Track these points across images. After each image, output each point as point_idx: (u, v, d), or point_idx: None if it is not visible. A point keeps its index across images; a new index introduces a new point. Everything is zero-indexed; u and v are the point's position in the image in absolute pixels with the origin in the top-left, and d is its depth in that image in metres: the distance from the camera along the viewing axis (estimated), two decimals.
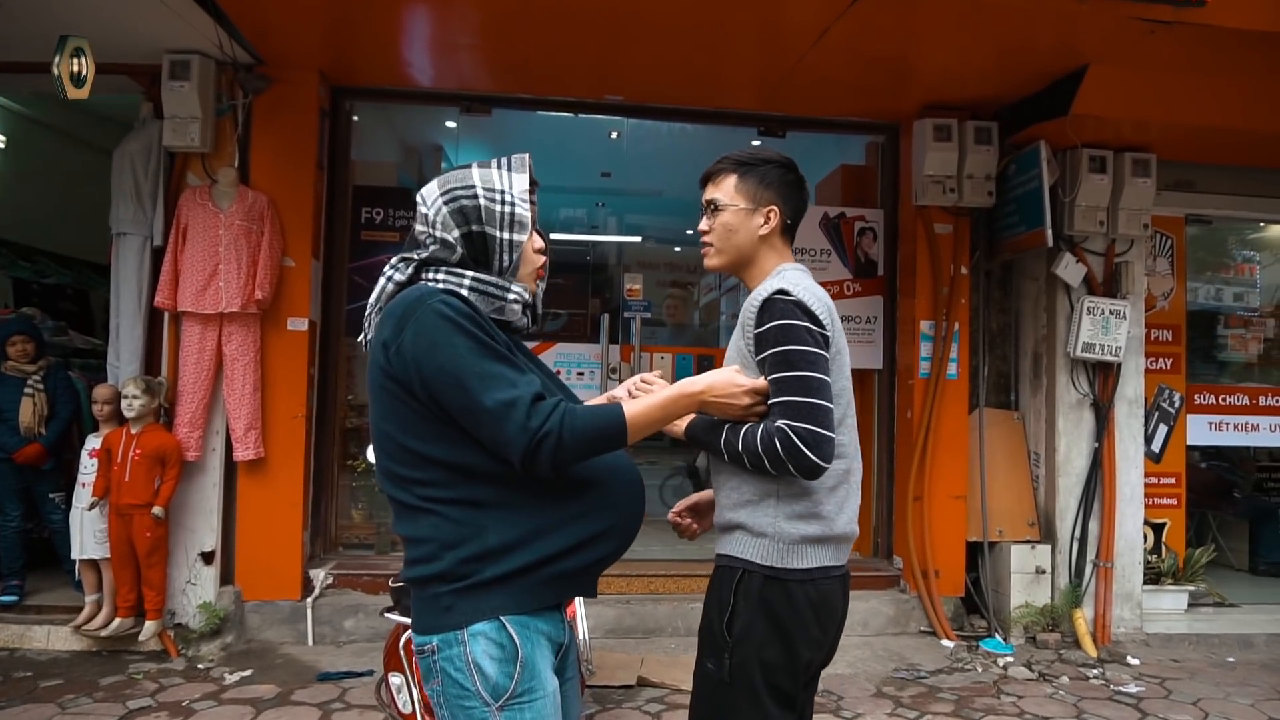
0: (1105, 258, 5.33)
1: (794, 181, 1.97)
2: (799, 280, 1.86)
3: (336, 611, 4.77)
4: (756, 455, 1.74)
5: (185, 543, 4.65)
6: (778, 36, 4.38)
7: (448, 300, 1.55)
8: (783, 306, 1.78)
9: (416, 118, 6.33)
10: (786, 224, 1.97)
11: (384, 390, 1.57)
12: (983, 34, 4.29)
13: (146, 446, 4.37)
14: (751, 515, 1.83)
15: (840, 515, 1.85)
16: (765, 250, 1.96)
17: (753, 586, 1.80)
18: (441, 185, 1.68)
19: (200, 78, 4.52)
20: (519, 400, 1.50)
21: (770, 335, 1.78)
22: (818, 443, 1.70)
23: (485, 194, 1.66)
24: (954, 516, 5.28)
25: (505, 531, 1.56)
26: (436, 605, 1.56)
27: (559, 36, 4.45)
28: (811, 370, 1.74)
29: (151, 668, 4.33)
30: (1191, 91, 4.63)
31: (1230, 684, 4.58)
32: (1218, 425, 5.82)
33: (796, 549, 1.80)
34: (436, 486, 1.56)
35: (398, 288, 1.65)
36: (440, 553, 1.55)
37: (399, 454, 1.57)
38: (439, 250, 1.64)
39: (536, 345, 5.66)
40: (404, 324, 1.53)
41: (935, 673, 4.60)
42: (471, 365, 1.50)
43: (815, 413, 1.71)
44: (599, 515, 1.66)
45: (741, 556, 1.83)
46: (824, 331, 1.80)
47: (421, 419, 1.54)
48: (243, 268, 4.55)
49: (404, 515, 1.61)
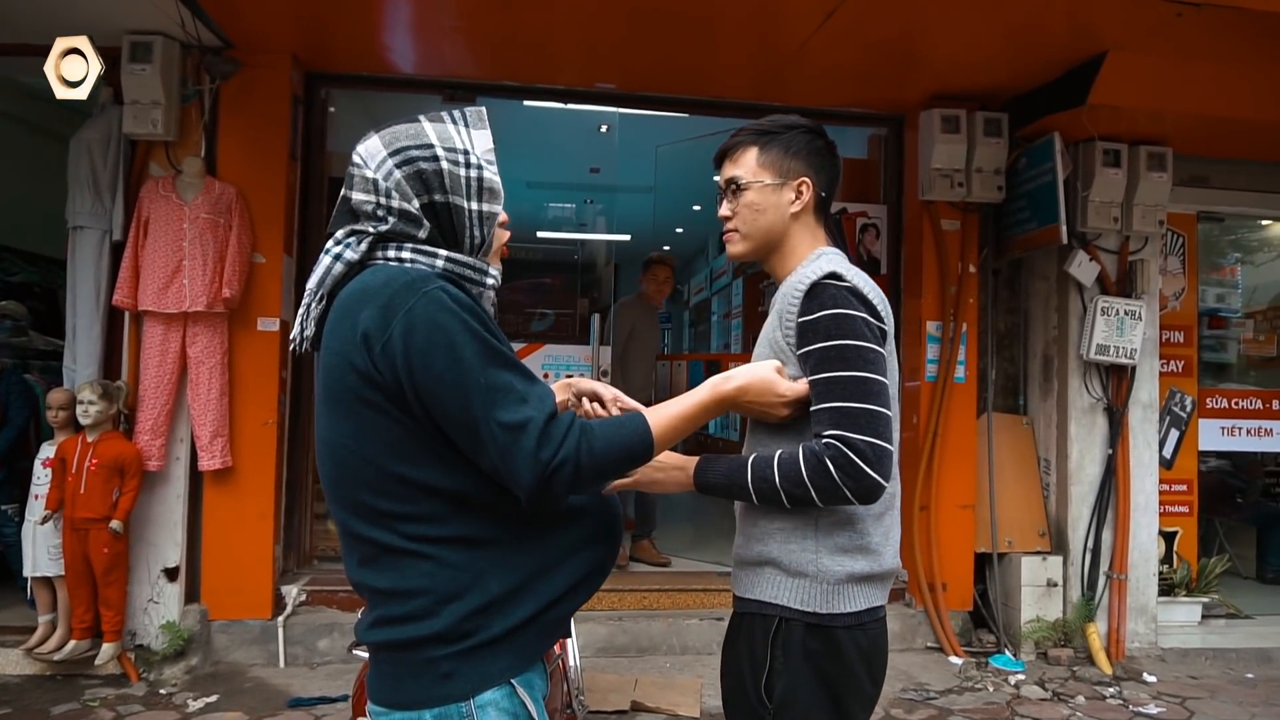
0: (1119, 256, 5.11)
1: (824, 148, 1.70)
2: (849, 266, 1.59)
3: (310, 631, 4.48)
4: (801, 484, 1.45)
5: (147, 558, 4.35)
6: (779, 20, 4.14)
7: (446, 288, 1.25)
8: (835, 292, 1.50)
9: (397, 106, 6.02)
10: (821, 198, 1.70)
11: (361, 402, 1.24)
12: (995, 17, 4.05)
13: (104, 456, 4.06)
14: (785, 548, 1.54)
15: (888, 547, 1.58)
16: (798, 231, 1.69)
17: (794, 638, 1.50)
18: (389, 143, 1.35)
19: (163, 61, 4.22)
20: (530, 423, 1.21)
21: (820, 326, 1.49)
22: (879, 458, 1.42)
23: (447, 155, 1.35)
24: (962, 527, 5.05)
25: (507, 575, 1.29)
26: (431, 672, 1.25)
27: (547, 17, 4.18)
28: (870, 370, 1.46)
29: (109, 694, 4.03)
30: (1211, 81, 4.42)
31: (1253, 703, 4.37)
32: (1230, 430, 5.62)
33: (843, 589, 1.51)
34: (428, 522, 1.26)
35: (348, 269, 1.32)
36: (437, 607, 1.25)
37: (382, 482, 1.25)
38: (400, 224, 1.32)
39: (523, 347, 5.40)
40: (392, 314, 1.21)
41: (945, 693, 4.37)
42: (477, 375, 1.20)
43: (875, 422, 1.43)
44: (594, 547, 1.40)
45: (776, 602, 1.53)
46: (883, 326, 1.54)
47: (413, 437, 1.24)
48: (209, 264, 4.26)
49: (382, 561, 1.27)
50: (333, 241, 1.34)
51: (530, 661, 1.31)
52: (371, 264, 1.32)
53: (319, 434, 1.32)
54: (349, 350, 1.24)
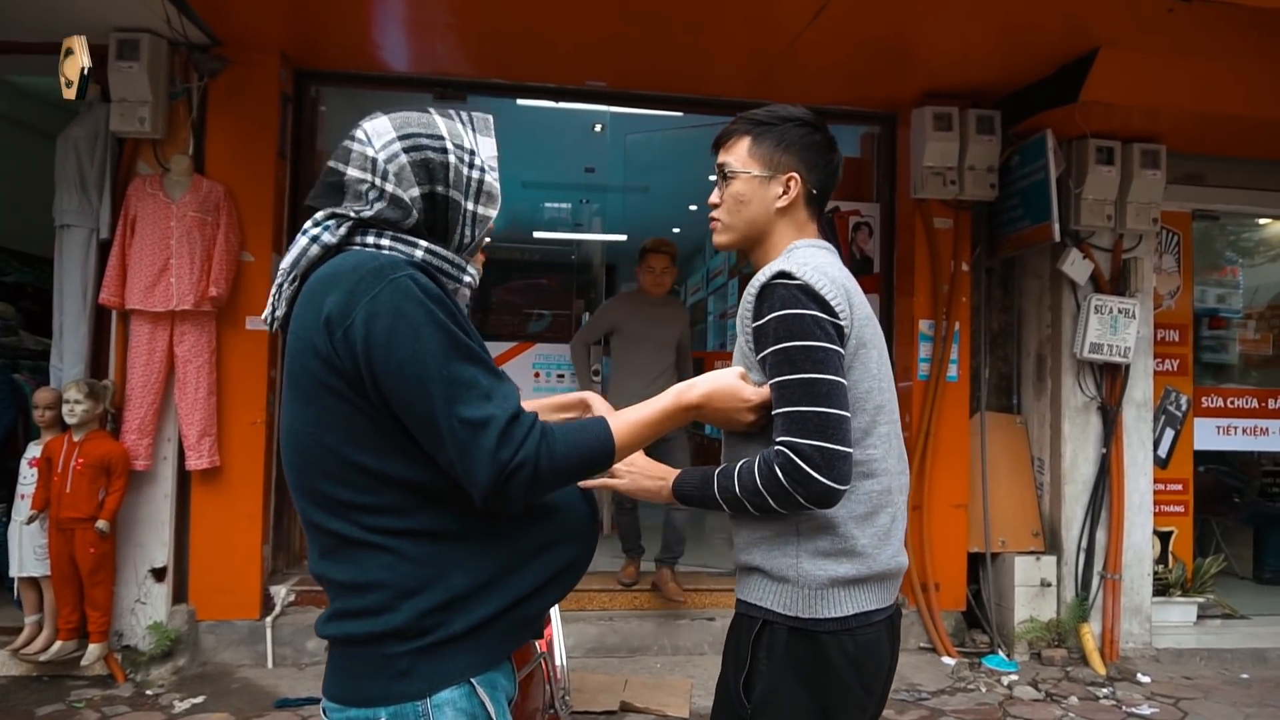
0: (1113, 254, 5.08)
1: (819, 143, 1.64)
2: (809, 258, 1.53)
3: (298, 631, 4.45)
4: (757, 494, 1.43)
5: (134, 559, 4.32)
6: (770, 16, 4.11)
7: (416, 277, 1.21)
8: (784, 293, 1.46)
9: (388, 104, 5.97)
10: (811, 194, 1.64)
11: (322, 388, 1.21)
12: (986, 15, 4.03)
13: (90, 455, 4.04)
14: (768, 556, 1.52)
15: (883, 549, 1.52)
16: (783, 226, 1.64)
17: (776, 641, 1.48)
18: (399, 126, 1.32)
19: (151, 58, 4.19)
20: (492, 421, 1.18)
21: (770, 329, 1.46)
22: (828, 461, 1.38)
23: (455, 150, 1.33)
24: (954, 526, 5.02)
25: (472, 571, 1.25)
26: (388, 669, 1.21)
27: (539, 14, 4.15)
28: (819, 371, 1.41)
29: (95, 694, 4.01)
30: (1205, 78, 4.38)
31: (1247, 704, 4.34)
32: (1225, 429, 5.59)
33: (826, 594, 1.47)
34: (390, 514, 1.23)
35: (325, 252, 1.28)
36: (396, 602, 1.21)
37: (342, 472, 1.22)
38: (387, 209, 1.29)
39: (515, 345, 5.37)
40: (356, 299, 1.18)
41: (937, 693, 4.34)
42: (439, 367, 1.17)
43: (825, 425, 1.39)
44: (566, 544, 1.36)
45: (761, 604, 1.52)
46: (836, 321, 1.46)
47: (375, 426, 1.21)
48: (196, 262, 4.23)
49: (341, 553, 1.24)
50: (311, 223, 1.31)
51: (493, 661, 1.27)
52: (349, 249, 1.29)
53: (283, 420, 1.29)
54: (312, 334, 1.21)
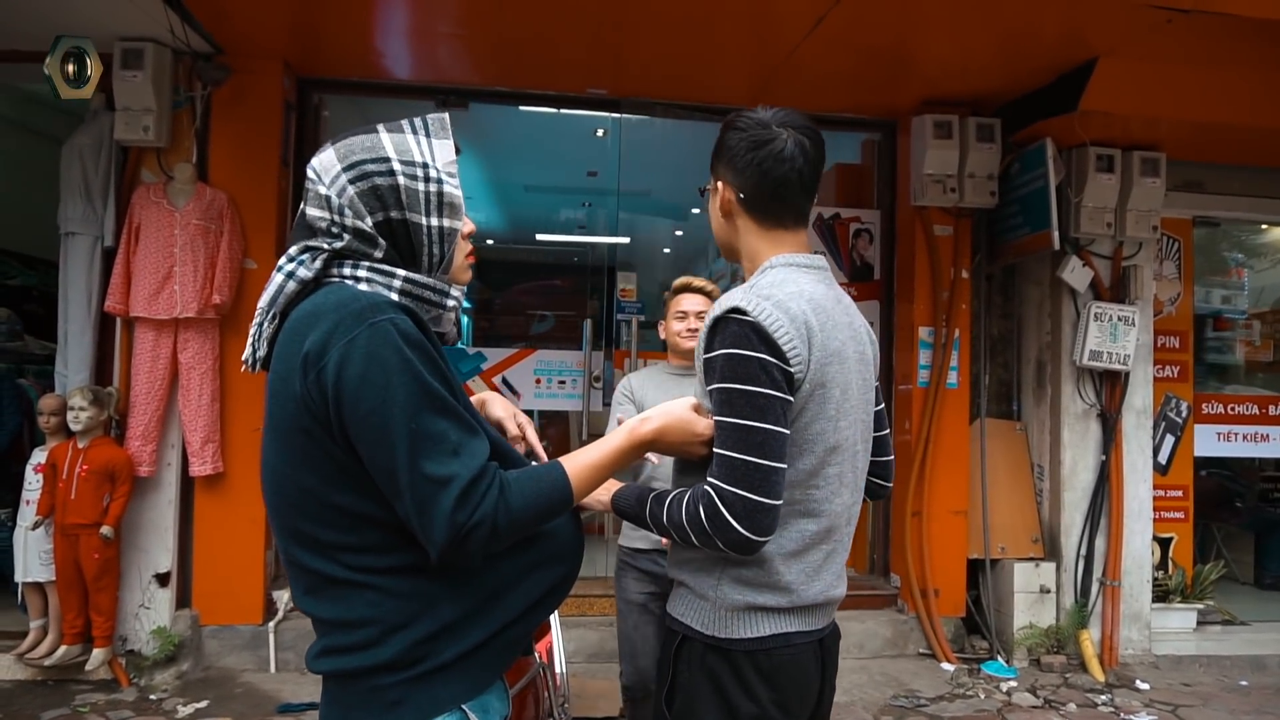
0: (1112, 261, 5.09)
1: (740, 145, 1.52)
2: (775, 289, 1.45)
3: (301, 636, 4.47)
4: (682, 529, 1.42)
5: (138, 564, 4.36)
6: (770, 25, 4.13)
7: (398, 321, 1.18)
8: (736, 330, 1.40)
9: (391, 112, 5.93)
10: (740, 198, 1.54)
11: (299, 431, 1.20)
12: (986, 24, 4.05)
13: (94, 462, 4.07)
14: (695, 576, 1.51)
15: (811, 584, 1.49)
16: (742, 236, 1.58)
17: (694, 656, 1.49)
18: (343, 156, 1.28)
19: (155, 67, 4.22)
20: (453, 481, 1.16)
21: (717, 365, 1.42)
22: (749, 513, 1.35)
23: (404, 169, 1.28)
24: (954, 532, 5.03)
25: (459, 600, 1.25)
26: (379, 700, 1.22)
27: (541, 23, 4.17)
28: (756, 419, 1.37)
29: (99, 699, 4.03)
30: (1204, 87, 4.40)
31: (1245, 711, 4.35)
32: (1226, 435, 5.60)
33: (741, 615, 1.47)
34: (372, 553, 1.22)
35: (301, 287, 1.26)
36: (384, 637, 1.21)
37: (321, 513, 1.21)
38: (355, 241, 1.27)
39: (518, 351, 5.39)
40: (333, 340, 1.16)
41: (936, 699, 4.35)
42: (406, 419, 1.15)
43: (753, 475, 1.35)
44: (552, 564, 1.37)
45: (682, 619, 1.52)
46: (786, 366, 1.40)
47: (351, 468, 1.20)
48: (200, 270, 4.26)
49: (327, 592, 1.24)
50: (285, 258, 1.29)
51: (485, 685, 1.28)
52: (328, 282, 1.28)
53: (263, 458, 1.29)
54: (291, 375, 1.20)
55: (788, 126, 1.52)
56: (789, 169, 1.51)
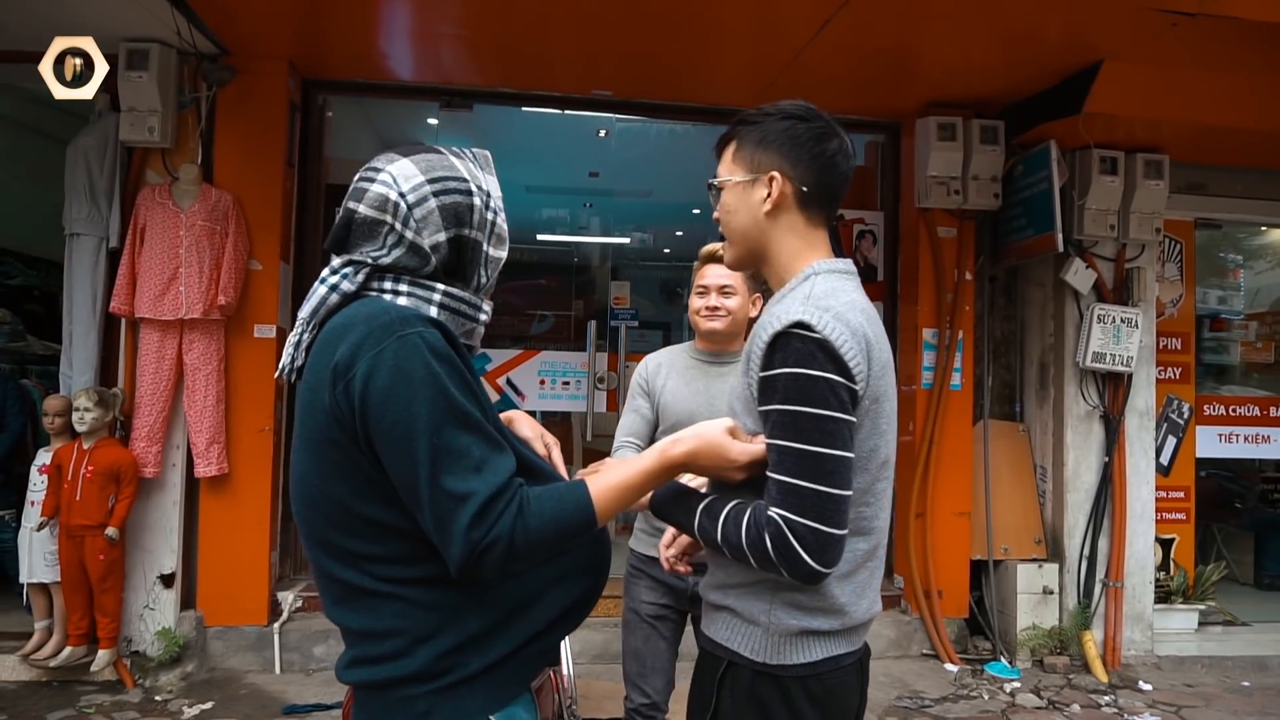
0: (1116, 263, 5.11)
1: (807, 135, 1.44)
2: (831, 299, 1.37)
3: (306, 637, 4.48)
4: (739, 550, 1.33)
5: (143, 565, 4.35)
6: (776, 28, 4.13)
7: (427, 335, 1.18)
8: (800, 347, 1.31)
9: (395, 113, 6.05)
10: (802, 193, 1.44)
11: (327, 442, 1.20)
12: (991, 26, 4.05)
13: (100, 463, 4.06)
14: (741, 600, 1.44)
15: (859, 603, 1.45)
16: (779, 235, 1.47)
17: (740, 683, 1.43)
18: (425, 170, 1.29)
19: (160, 68, 4.22)
20: (472, 497, 1.15)
21: (779, 385, 1.32)
22: (821, 546, 1.28)
23: (478, 193, 1.33)
24: (957, 534, 5.04)
25: (485, 612, 1.25)
26: (408, 710, 1.23)
27: (544, 25, 4.18)
28: (828, 445, 1.29)
29: (105, 700, 4.03)
30: (1208, 90, 4.42)
31: (1249, 712, 4.37)
32: (1228, 436, 5.61)
33: (795, 641, 1.41)
34: (400, 563, 1.23)
35: (344, 300, 1.26)
36: (412, 648, 1.22)
37: (351, 523, 1.22)
38: (404, 256, 1.27)
39: (522, 353, 5.40)
40: (362, 352, 1.16)
41: (940, 700, 4.36)
42: (429, 434, 1.15)
43: (824, 506, 1.28)
44: (579, 576, 1.36)
45: (727, 645, 1.45)
46: (853, 386, 1.32)
47: (379, 479, 1.20)
48: (205, 271, 4.26)
49: (354, 602, 1.25)
50: (329, 270, 1.29)
51: (512, 696, 1.28)
52: (365, 295, 1.28)
53: (292, 469, 1.29)
54: (321, 385, 1.20)
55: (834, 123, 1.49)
56: (850, 166, 1.49)
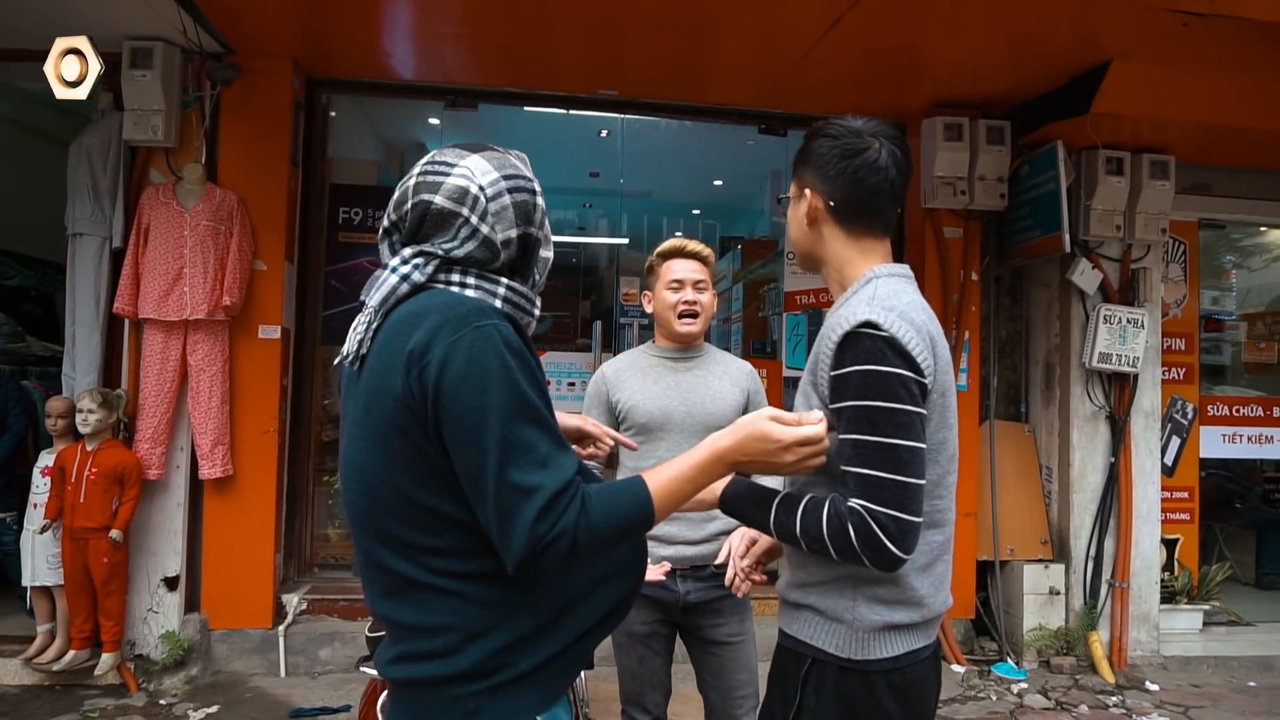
0: (1121, 264, 5.11)
1: (832, 153, 1.52)
2: (894, 300, 1.45)
3: (311, 640, 4.45)
4: (819, 541, 1.38)
5: (147, 567, 4.32)
6: (783, 28, 4.12)
7: (502, 328, 1.19)
8: (870, 345, 1.38)
9: (398, 113, 6.03)
10: (830, 206, 1.53)
11: (395, 430, 1.20)
12: (998, 26, 4.05)
13: (103, 465, 4.03)
14: (824, 598, 1.49)
15: (937, 595, 1.51)
16: (828, 245, 1.57)
17: (826, 679, 1.46)
18: (498, 165, 1.31)
19: (164, 67, 4.19)
20: (538, 492, 1.15)
21: (851, 382, 1.39)
22: (903, 533, 1.34)
23: (541, 194, 1.36)
24: (963, 534, 5.02)
25: (534, 612, 1.25)
26: (456, 710, 1.21)
27: (549, 24, 4.16)
28: (902, 437, 1.35)
29: (108, 704, 4.00)
30: (1215, 90, 4.41)
31: (1256, 712, 4.37)
32: (1231, 437, 5.62)
33: (879, 636, 1.45)
34: (455, 557, 1.22)
35: (414, 290, 1.26)
36: (464, 645, 1.21)
37: (411, 514, 1.21)
38: (477, 249, 1.27)
39: None
40: (437, 339, 1.17)
41: (948, 701, 4.35)
42: (499, 425, 1.15)
43: (903, 495, 1.34)
44: (620, 578, 1.35)
45: (810, 642, 1.49)
46: (921, 379, 1.39)
47: (444, 469, 1.20)
48: (209, 271, 4.23)
49: (406, 595, 1.23)
50: (399, 259, 1.28)
51: (555, 696, 1.28)
52: (432, 286, 1.28)
53: (348, 457, 1.28)
54: (392, 373, 1.20)
55: (879, 136, 1.52)
56: (882, 179, 1.52)
